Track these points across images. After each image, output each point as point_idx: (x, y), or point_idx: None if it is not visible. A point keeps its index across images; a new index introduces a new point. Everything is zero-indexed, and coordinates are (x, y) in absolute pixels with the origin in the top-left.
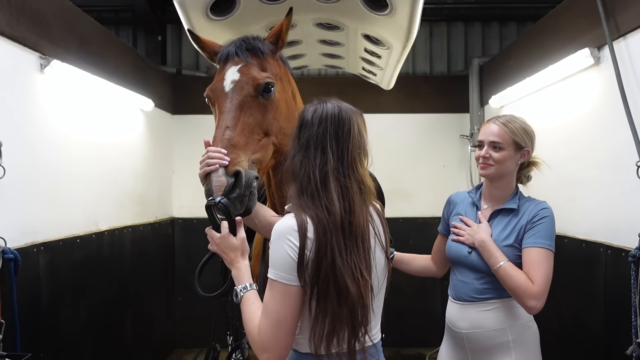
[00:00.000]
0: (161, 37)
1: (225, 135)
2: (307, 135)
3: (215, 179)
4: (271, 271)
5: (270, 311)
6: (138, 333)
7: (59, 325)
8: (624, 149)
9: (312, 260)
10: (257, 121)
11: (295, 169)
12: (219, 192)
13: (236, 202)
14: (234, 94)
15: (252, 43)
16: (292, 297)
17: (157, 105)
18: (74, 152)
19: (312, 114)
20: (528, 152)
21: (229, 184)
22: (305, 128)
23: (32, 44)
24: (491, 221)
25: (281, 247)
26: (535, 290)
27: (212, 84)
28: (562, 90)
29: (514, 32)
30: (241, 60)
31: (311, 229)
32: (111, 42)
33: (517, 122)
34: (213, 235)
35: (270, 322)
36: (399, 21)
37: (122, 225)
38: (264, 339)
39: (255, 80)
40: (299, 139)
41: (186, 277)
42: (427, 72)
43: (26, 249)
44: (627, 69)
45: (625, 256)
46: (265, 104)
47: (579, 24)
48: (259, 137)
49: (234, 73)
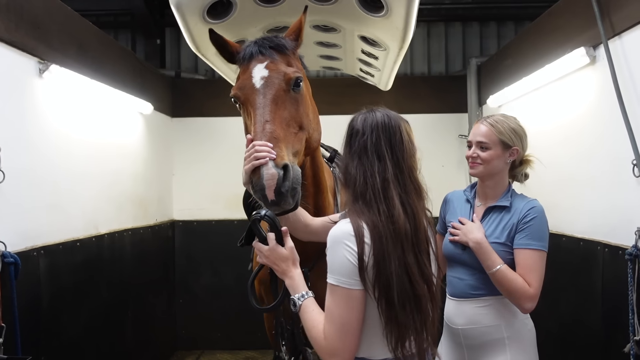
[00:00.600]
0: (160, 40)
1: (267, 129)
2: (360, 143)
3: (265, 172)
4: (331, 276)
5: (334, 316)
6: (139, 336)
7: (59, 329)
8: (620, 148)
9: (372, 265)
10: (292, 115)
11: (349, 176)
12: (272, 185)
13: (288, 196)
14: (266, 89)
15: (275, 41)
16: (355, 301)
17: (157, 108)
18: (74, 156)
19: (362, 123)
20: (517, 151)
21: (280, 177)
22: (356, 136)
23: (30, 49)
24: (484, 218)
25: (340, 253)
26: (532, 292)
27: (240, 83)
28: (558, 90)
29: (512, 31)
30: (266, 57)
31: (367, 234)
32: (110, 46)
33: (506, 121)
34: (261, 248)
35: (336, 326)
36: (394, 22)
37: (122, 228)
38: (332, 344)
39: (286, 75)
40: (350, 147)
41: (187, 279)
42: (425, 72)
43: (26, 253)
44: (622, 67)
45: (623, 254)
46: (297, 98)
47: (575, 23)
48: (295, 130)
49: (262, 70)
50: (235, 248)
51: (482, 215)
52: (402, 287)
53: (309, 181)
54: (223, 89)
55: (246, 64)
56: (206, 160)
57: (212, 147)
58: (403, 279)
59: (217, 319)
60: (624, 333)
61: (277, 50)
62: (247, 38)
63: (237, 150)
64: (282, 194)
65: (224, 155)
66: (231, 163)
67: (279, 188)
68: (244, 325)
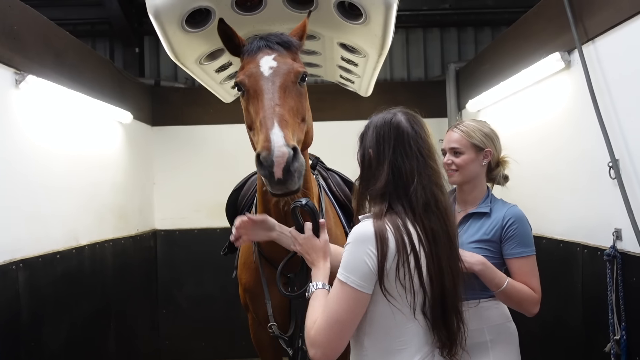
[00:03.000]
0: (138, 48)
1: (277, 111)
2: (381, 144)
3: (277, 148)
4: (342, 273)
5: (330, 310)
6: (122, 348)
7: (40, 343)
8: (596, 150)
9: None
10: (297, 106)
11: (372, 178)
12: (281, 163)
13: (295, 176)
14: (275, 78)
15: (282, 37)
16: (358, 304)
17: (136, 117)
18: (52, 167)
19: (381, 124)
20: (490, 153)
21: (290, 155)
22: (380, 138)
23: (6, 60)
24: (464, 224)
25: (358, 254)
26: (538, 297)
27: (246, 71)
28: (535, 94)
29: (489, 37)
30: (275, 51)
31: (392, 237)
32: (87, 55)
33: (475, 125)
34: (297, 235)
35: (328, 321)
36: (373, 30)
37: (102, 239)
38: (316, 335)
39: (294, 68)
40: (379, 148)
41: (170, 289)
42: (405, 77)
43: (5, 267)
44: (596, 72)
45: (601, 255)
46: (302, 92)
47: (550, 28)
48: (299, 120)
49: (270, 61)
50: (218, 257)
51: (461, 221)
52: (442, 290)
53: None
54: (203, 97)
55: (253, 54)
56: (187, 168)
57: (192, 156)
58: (443, 281)
59: (201, 328)
60: (604, 333)
61: (284, 46)
62: None
63: (218, 158)
64: (290, 173)
65: (205, 164)
66: (212, 171)
67: (287, 167)
68: (229, 334)
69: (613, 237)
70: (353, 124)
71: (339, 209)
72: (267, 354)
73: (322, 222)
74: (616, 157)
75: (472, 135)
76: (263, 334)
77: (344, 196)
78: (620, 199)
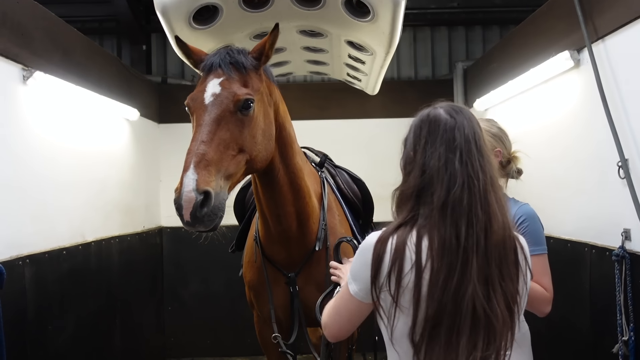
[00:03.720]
0: (146, 46)
1: (200, 149)
2: (417, 143)
3: (185, 194)
4: (349, 277)
5: (336, 302)
6: (127, 344)
7: (46, 339)
8: (605, 150)
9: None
10: (234, 137)
11: (412, 182)
12: (188, 207)
13: (204, 221)
14: (212, 108)
15: (235, 57)
16: (355, 308)
17: (143, 114)
18: (59, 163)
19: (418, 120)
20: (500, 153)
21: (198, 202)
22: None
23: (14, 56)
24: None
25: (359, 262)
26: (549, 296)
27: (193, 94)
28: (544, 93)
29: (497, 35)
30: (224, 73)
31: (389, 249)
32: (95, 52)
33: (483, 126)
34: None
35: (331, 311)
36: (381, 27)
37: (109, 236)
38: (324, 317)
39: (235, 96)
40: (412, 149)
41: (175, 286)
42: (412, 76)
43: (11, 262)
44: (606, 70)
45: (610, 255)
46: (243, 120)
47: (559, 27)
48: (234, 152)
49: (216, 86)
50: (225, 254)
51: None
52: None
53: (286, 188)
54: None
55: (205, 74)
56: None
57: None
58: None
59: (207, 325)
60: (612, 333)
61: (235, 67)
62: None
63: None
64: (197, 218)
65: None
66: None
67: (194, 212)
68: (234, 331)
69: (622, 238)
70: (360, 122)
71: (347, 207)
72: (273, 352)
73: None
74: (625, 157)
75: None
76: (268, 332)
77: (352, 194)
78: (630, 199)
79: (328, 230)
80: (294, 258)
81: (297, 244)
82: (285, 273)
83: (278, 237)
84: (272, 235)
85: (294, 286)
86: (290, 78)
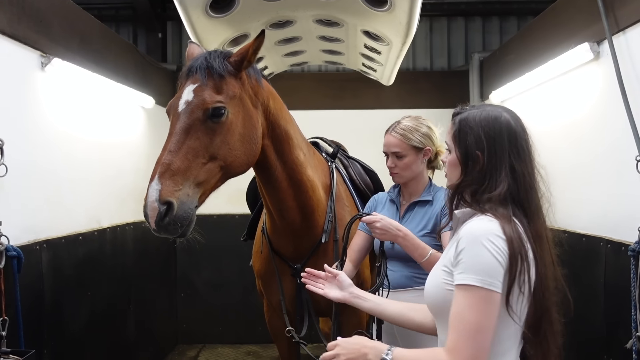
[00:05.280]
0: (161, 34)
1: (166, 159)
2: (493, 146)
3: (149, 204)
4: (470, 276)
5: (467, 322)
6: (140, 329)
7: (62, 322)
8: (624, 144)
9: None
10: (204, 145)
11: (485, 181)
12: (153, 216)
13: (169, 229)
14: (183, 116)
15: (211, 63)
16: (494, 306)
17: (158, 102)
18: (76, 150)
19: (490, 123)
20: (430, 151)
21: (161, 212)
22: (491, 139)
23: (32, 43)
24: (408, 213)
25: (483, 251)
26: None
27: (172, 100)
28: (562, 85)
29: (515, 27)
30: (198, 79)
31: (516, 238)
32: (112, 40)
33: (412, 126)
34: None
35: (468, 334)
36: (398, 17)
37: (124, 223)
38: (462, 355)
39: (204, 104)
40: (487, 151)
41: (188, 274)
42: (428, 67)
43: (29, 247)
44: (626, 63)
45: (625, 250)
46: (214, 128)
47: (579, 18)
48: (204, 160)
49: (189, 93)
50: (237, 243)
51: (406, 210)
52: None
53: (285, 184)
54: None
55: (184, 80)
56: None
57: None
58: (545, 288)
59: (219, 313)
60: (625, 329)
61: (210, 73)
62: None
63: None
64: (162, 227)
65: None
66: None
67: (158, 221)
68: (245, 319)
69: (638, 233)
70: (375, 113)
71: (358, 198)
72: (282, 341)
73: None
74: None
75: (411, 138)
76: (277, 321)
77: (364, 185)
78: None
79: (337, 221)
80: (301, 250)
81: (302, 237)
82: (291, 265)
83: (283, 231)
84: (278, 228)
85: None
86: (304, 67)
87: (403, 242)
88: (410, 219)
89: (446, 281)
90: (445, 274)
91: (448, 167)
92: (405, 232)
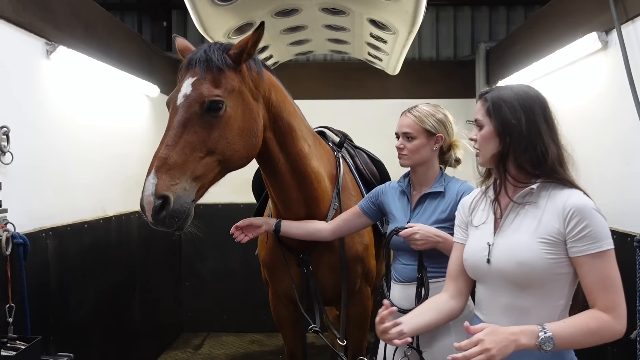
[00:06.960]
0: (166, 22)
1: (163, 153)
2: (532, 117)
3: (146, 197)
4: (604, 243)
5: (617, 283)
6: (145, 317)
7: (67, 309)
8: (630, 134)
9: None
10: (201, 139)
11: (527, 150)
12: (149, 210)
13: (166, 222)
14: (181, 110)
15: (210, 55)
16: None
17: (163, 91)
18: (81, 138)
19: (526, 97)
20: (442, 138)
21: (157, 206)
22: (529, 111)
23: (37, 30)
24: (420, 205)
25: (600, 218)
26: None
27: (172, 94)
28: (569, 75)
29: (522, 16)
30: (197, 72)
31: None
32: (117, 28)
33: (428, 111)
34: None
35: (620, 293)
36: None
37: (129, 211)
38: (623, 313)
39: (201, 98)
40: (526, 122)
41: (193, 262)
42: (434, 57)
43: (35, 234)
44: (635, 53)
45: (631, 241)
46: (212, 122)
47: (587, 8)
48: (202, 154)
49: (188, 86)
50: None
51: (418, 203)
52: None
53: (289, 176)
54: None
55: (184, 72)
56: None
57: None
58: None
59: (223, 301)
60: (630, 320)
61: (209, 66)
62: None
63: None
64: (158, 220)
65: None
66: None
67: (154, 215)
68: (250, 308)
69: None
70: (380, 102)
71: (365, 187)
72: (287, 329)
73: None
74: None
75: (425, 121)
76: (283, 309)
77: (371, 175)
78: None
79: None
80: (306, 241)
81: None
82: (297, 254)
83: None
84: (283, 218)
85: (307, 267)
86: (310, 57)
87: (444, 246)
88: (421, 212)
89: (546, 251)
90: (545, 244)
91: (481, 142)
92: (444, 236)
